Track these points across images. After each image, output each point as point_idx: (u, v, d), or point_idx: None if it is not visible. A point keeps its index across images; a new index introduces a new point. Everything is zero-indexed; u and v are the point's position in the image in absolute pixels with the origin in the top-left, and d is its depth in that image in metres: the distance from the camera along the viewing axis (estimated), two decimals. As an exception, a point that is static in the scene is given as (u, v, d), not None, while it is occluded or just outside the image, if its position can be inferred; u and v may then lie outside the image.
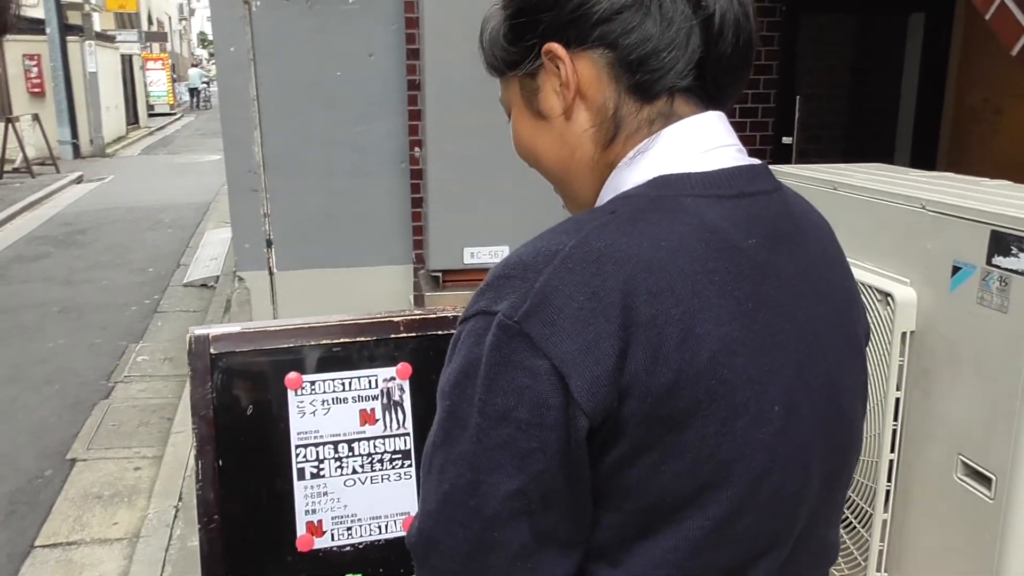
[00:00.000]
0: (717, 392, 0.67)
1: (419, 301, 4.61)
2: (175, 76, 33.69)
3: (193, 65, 41.32)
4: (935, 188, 1.87)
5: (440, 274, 4.10)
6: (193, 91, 34.97)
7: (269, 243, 5.10)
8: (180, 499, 3.43)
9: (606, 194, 0.80)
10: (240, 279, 5.22)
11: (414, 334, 1.72)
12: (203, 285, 7.02)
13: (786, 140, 4.59)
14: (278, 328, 1.66)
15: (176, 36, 43.89)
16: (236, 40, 4.76)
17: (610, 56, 0.76)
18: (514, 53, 0.83)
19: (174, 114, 30.20)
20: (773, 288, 0.74)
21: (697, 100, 0.78)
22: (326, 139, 4.93)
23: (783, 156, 4.63)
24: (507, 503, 0.68)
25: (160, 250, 8.64)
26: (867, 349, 0.88)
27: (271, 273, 5.15)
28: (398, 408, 1.71)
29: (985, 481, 1.60)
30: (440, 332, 1.73)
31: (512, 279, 0.70)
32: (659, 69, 0.75)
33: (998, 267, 1.52)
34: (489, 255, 4.08)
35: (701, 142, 0.76)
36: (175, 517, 3.28)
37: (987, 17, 2.00)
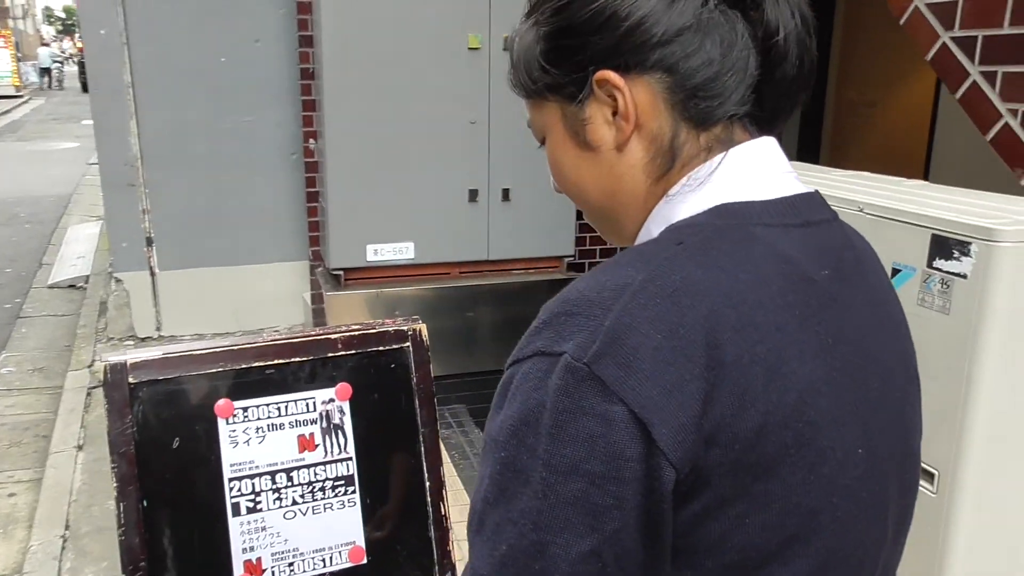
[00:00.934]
0: (804, 435, 0.63)
1: (317, 300, 4.43)
2: (19, 55, 31.23)
3: (43, 44, 38.45)
4: (865, 190, 1.90)
5: (341, 272, 3.94)
6: (44, 71, 32.54)
7: (149, 241, 4.78)
8: (67, 527, 3.13)
9: (654, 224, 0.73)
10: (117, 280, 4.86)
11: (353, 351, 1.62)
12: (71, 286, 6.52)
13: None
14: (204, 351, 1.52)
15: (20, 11, 40.76)
16: (106, 22, 4.40)
17: (668, 81, 0.70)
18: (556, 76, 0.74)
19: (20, 96, 28.02)
20: (846, 321, 0.70)
21: (752, 124, 0.73)
22: (210, 129, 4.65)
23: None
24: (578, 566, 0.60)
25: (18, 248, 7.96)
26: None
27: (152, 274, 4.83)
28: (339, 431, 1.60)
29: (928, 476, 1.64)
30: (381, 348, 1.63)
31: (575, 317, 0.62)
32: (720, 95, 0.70)
33: (939, 270, 1.56)
34: (393, 252, 3.95)
35: (761, 169, 0.71)
36: (63, 548, 2.99)
37: (901, 22, 2.04)
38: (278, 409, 1.56)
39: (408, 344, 1.65)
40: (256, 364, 1.55)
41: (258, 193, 4.80)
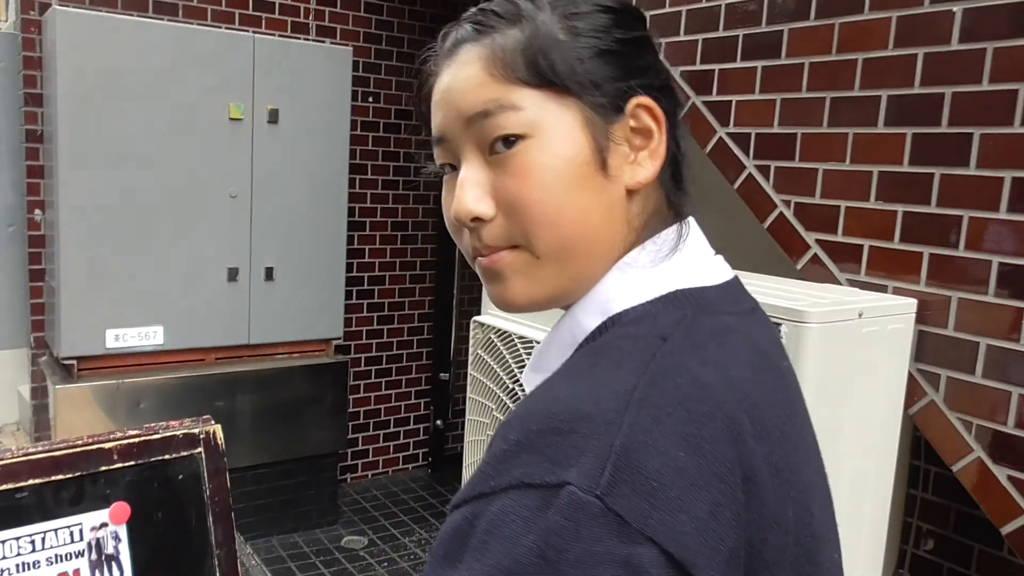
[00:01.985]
0: (810, 550, 0.57)
1: (39, 394, 3.82)
2: None
3: None
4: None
5: (74, 361, 3.43)
6: None
7: None
8: None
9: (589, 310, 0.64)
10: None
11: (132, 463, 1.35)
12: None
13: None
14: (-71, 475, 1.19)
15: None
16: None
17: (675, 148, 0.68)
18: (597, 81, 0.63)
19: None
20: (804, 414, 0.67)
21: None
22: (-99, 196, 3.91)
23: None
24: None
25: None
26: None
27: None
28: (112, 563, 1.32)
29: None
30: (167, 456, 1.38)
31: (569, 435, 0.49)
32: (684, 181, 0.69)
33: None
34: (139, 337, 3.52)
35: (705, 249, 0.66)
36: None
37: (706, 151, 2.13)
38: (32, 542, 1.27)
39: (200, 450, 1.41)
40: (4, 487, 1.24)
41: (-37, 271, 4.10)
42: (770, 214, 2.00)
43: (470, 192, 0.64)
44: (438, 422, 4.89)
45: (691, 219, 0.67)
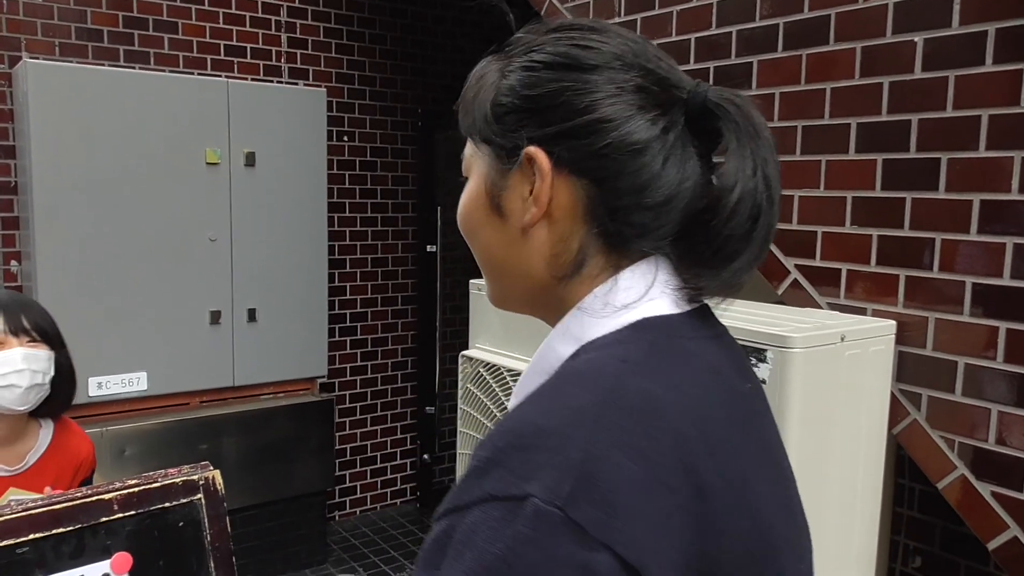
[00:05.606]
0: (768, 561, 0.60)
1: (19, 445, 3.77)
2: None
3: None
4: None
5: (56, 411, 3.40)
6: None
7: None
8: None
9: (562, 341, 0.69)
10: None
11: (132, 512, 1.36)
12: None
13: (430, 248, 4.71)
14: (-70, 535, 1.18)
15: None
16: None
17: (593, 193, 0.67)
18: (495, 130, 0.70)
19: None
20: (768, 434, 0.71)
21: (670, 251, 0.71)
22: None
23: (429, 263, 4.74)
24: None
25: None
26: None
27: None
28: (116, 615, 1.31)
29: None
30: (167, 504, 1.39)
31: (531, 451, 0.53)
32: (641, 227, 0.67)
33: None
34: (122, 384, 3.50)
35: (667, 282, 0.68)
36: None
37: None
38: (35, 598, 1.25)
39: (200, 496, 1.42)
40: (4, 544, 1.24)
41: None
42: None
43: None
44: (425, 456, 4.87)
45: (654, 258, 0.69)
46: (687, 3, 2.23)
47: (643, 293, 0.67)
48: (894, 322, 1.76)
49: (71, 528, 1.29)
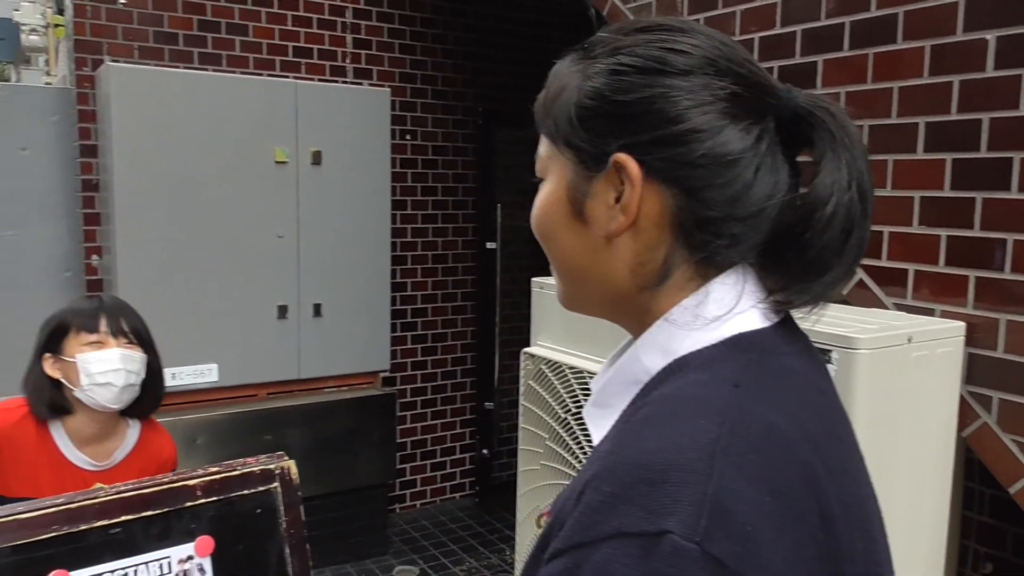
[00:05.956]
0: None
1: (97, 433, 3.94)
2: None
3: None
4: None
5: (132, 401, 3.54)
6: None
7: None
8: None
9: (651, 352, 0.67)
10: None
11: (214, 498, 1.42)
12: None
13: (490, 245, 4.77)
14: (32, 515, 1.27)
15: None
16: None
17: (683, 202, 0.65)
18: (579, 136, 0.68)
19: None
20: (855, 443, 0.70)
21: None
22: (-36, 245, 4.09)
23: (489, 260, 4.80)
24: None
25: None
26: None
27: None
28: (199, 595, 1.38)
29: None
30: (246, 491, 1.45)
31: (662, 485, 0.53)
32: (731, 238, 0.66)
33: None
34: (194, 375, 3.63)
35: (755, 294, 0.68)
36: None
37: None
38: (126, 575, 1.33)
39: (276, 485, 1.48)
40: (98, 524, 1.31)
41: (22, 315, 4.24)
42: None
43: None
44: (484, 451, 4.93)
45: (741, 268, 0.68)
46: (751, 2, 2.22)
47: (733, 305, 0.66)
48: (963, 324, 1.74)
49: (159, 511, 1.36)
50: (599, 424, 0.71)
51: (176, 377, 3.60)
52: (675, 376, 0.64)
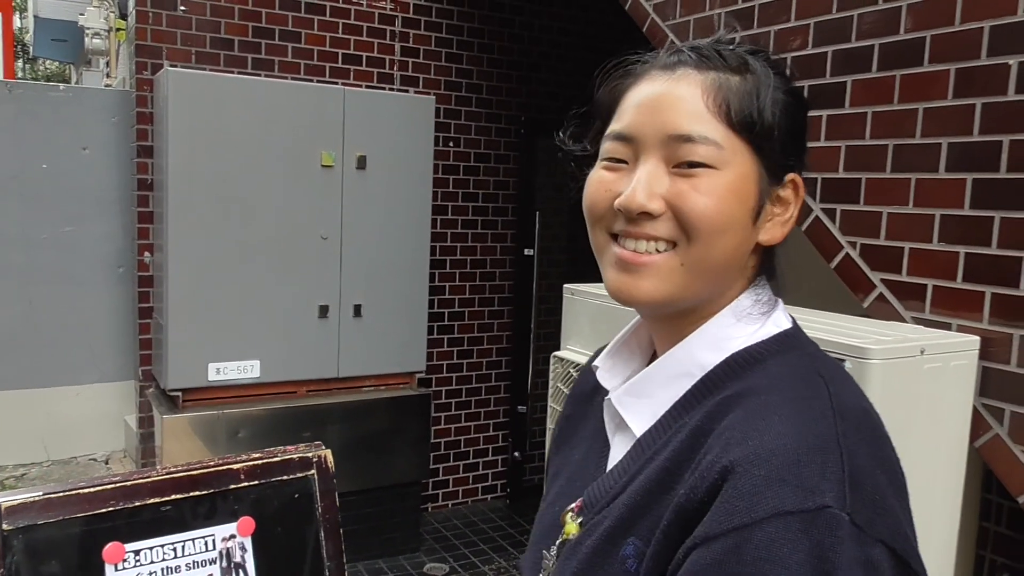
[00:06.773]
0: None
1: (145, 423, 4.10)
2: None
3: None
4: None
5: (179, 393, 3.70)
6: None
7: (-55, 361, 4.25)
8: None
9: (706, 346, 0.75)
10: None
11: (256, 482, 1.52)
12: None
13: (528, 252, 4.86)
14: (93, 490, 1.38)
15: None
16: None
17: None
18: (775, 148, 0.75)
19: None
20: None
21: None
22: (26, 240, 4.30)
23: (526, 266, 4.89)
24: None
25: None
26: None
27: (-52, 397, 4.28)
28: (240, 571, 1.48)
29: None
30: (285, 477, 1.54)
31: (808, 466, 0.61)
32: None
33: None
34: (238, 370, 3.77)
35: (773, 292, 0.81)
36: None
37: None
38: (174, 550, 1.44)
39: (313, 472, 1.58)
40: (151, 501, 1.42)
41: (77, 308, 4.45)
42: (836, 255, 2.09)
43: (646, 191, 0.72)
44: (516, 454, 5.01)
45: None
46: (785, 23, 2.28)
47: (774, 301, 0.78)
48: (977, 337, 1.78)
49: (206, 492, 1.46)
50: (635, 411, 0.78)
51: (221, 372, 3.74)
52: (754, 368, 0.73)
